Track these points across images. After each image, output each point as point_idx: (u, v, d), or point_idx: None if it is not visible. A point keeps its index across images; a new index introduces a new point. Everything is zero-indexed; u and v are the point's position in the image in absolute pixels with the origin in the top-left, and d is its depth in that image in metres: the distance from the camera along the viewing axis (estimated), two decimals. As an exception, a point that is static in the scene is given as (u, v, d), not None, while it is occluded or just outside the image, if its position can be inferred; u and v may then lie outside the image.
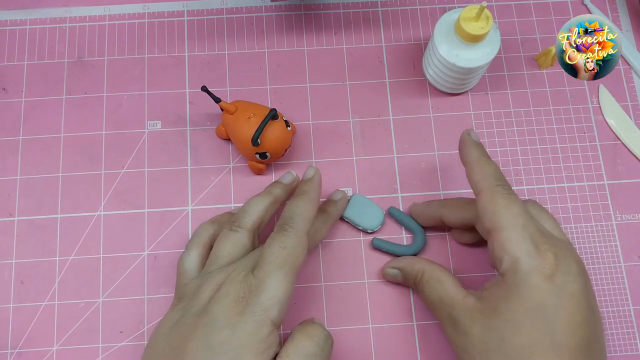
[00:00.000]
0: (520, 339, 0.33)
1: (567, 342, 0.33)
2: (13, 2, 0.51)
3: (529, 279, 0.34)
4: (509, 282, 0.34)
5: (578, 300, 0.34)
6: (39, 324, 0.43)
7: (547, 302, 0.33)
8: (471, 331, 0.35)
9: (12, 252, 0.45)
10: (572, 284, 0.34)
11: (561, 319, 0.33)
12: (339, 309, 0.44)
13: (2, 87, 0.49)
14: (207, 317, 0.34)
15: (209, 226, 0.42)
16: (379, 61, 0.50)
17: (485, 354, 0.34)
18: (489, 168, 0.38)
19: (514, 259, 0.34)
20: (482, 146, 0.40)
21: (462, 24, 0.42)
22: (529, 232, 0.35)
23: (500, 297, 0.35)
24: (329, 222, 0.43)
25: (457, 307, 0.37)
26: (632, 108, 0.49)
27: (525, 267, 0.34)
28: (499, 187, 0.37)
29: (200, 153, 0.47)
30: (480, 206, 0.37)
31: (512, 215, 0.35)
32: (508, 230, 0.35)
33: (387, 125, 0.48)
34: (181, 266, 0.40)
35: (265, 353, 0.33)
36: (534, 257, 0.34)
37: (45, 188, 0.46)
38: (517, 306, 0.34)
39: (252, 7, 0.51)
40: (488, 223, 0.36)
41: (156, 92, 0.49)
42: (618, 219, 0.46)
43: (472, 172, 0.38)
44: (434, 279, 0.39)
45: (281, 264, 0.35)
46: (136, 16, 0.51)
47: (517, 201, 0.36)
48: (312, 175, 0.40)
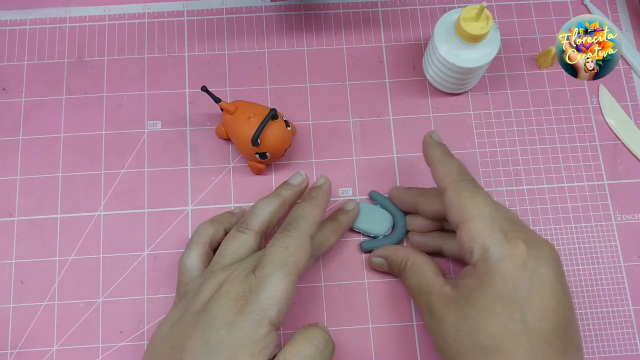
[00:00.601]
0: (492, 326, 0.33)
1: (541, 327, 0.33)
2: (13, 2, 0.51)
3: (500, 266, 0.34)
4: (480, 271, 0.35)
5: (551, 284, 0.34)
6: (39, 324, 0.43)
7: (520, 288, 0.33)
8: (446, 319, 0.36)
9: (12, 252, 0.45)
10: (544, 269, 0.34)
11: (534, 304, 0.33)
12: (339, 309, 0.44)
13: (2, 87, 0.49)
14: (207, 316, 0.34)
15: (209, 226, 0.42)
16: (379, 61, 0.50)
17: (459, 341, 0.35)
18: (452, 165, 0.38)
19: (483, 249, 0.35)
20: (444, 146, 0.40)
21: (462, 24, 0.42)
22: (497, 221, 0.35)
23: (473, 286, 0.35)
24: (338, 231, 0.43)
25: (434, 294, 0.37)
26: (632, 108, 0.49)
27: (495, 255, 0.34)
28: (463, 182, 0.37)
29: (200, 153, 0.47)
30: (447, 201, 0.37)
31: (478, 206, 0.36)
32: (475, 221, 0.35)
33: (387, 125, 0.48)
34: (182, 266, 0.40)
35: (262, 352, 0.33)
36: (504, 245, 0.34)
37: (45, 188, 0.46)
38: (489, 294, 0.34)
39: (252, 7, 0.51)
40: (455, 216, 0.36)
41: (156, 92, 0.49)
42: (618, 219, 0.46)
43: (436, 171, 0.39)
44: (416, 265, 0.40)
45: (282, 264, 0.35)
46: (136, 16, 0.51)
47: (481, 193, 0.37)
48: (322, 183, 0.41)
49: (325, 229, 0.42)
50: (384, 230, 0.44)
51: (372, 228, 0.44)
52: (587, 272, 0.45)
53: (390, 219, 0.45)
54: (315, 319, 0.43)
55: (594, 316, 0.44)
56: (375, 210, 0.45)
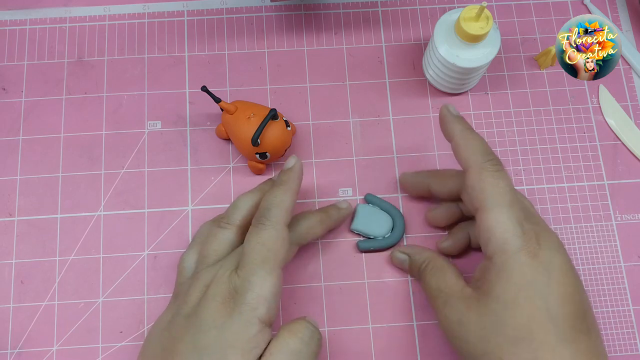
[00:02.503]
0: (518, 319, 0.34)
1: (563, 312, 0.33)
2: (13, 2, 0.51)
3: (517, 258, 0.34)
4: (498, 263, 0.35)
5: (566, 271, 0.35)
6: (39, 324, 0.43)
7: (538, 278, 0.34)
8: (468, 319, 0.35)
9: (12, 252, 0.45)
10: (556, 258, 0.35)
11: (554, 292, 0.34)
12: (339, 309, 0.44)
13: (2, 87, 0.49)
14: (196, 320, 0.34)
15: (210, 225, 0.42)
16: (379, 61, 0.50)
17: (485, 339, 0.34)
18: (476, 142, 0.38)
19: (502, 241, 0.35)
20: (463, 119, 0.39)
21: (462, 24, 0.42)
22: (515, 212, 0.35)
23: (492, 280, 0.35)
24: (325, 223, 0.42)
25: (455, 296, 0.37)
26: (632, 108, 0.49)
27: (513, 247, 0.34)
28: (488, 164, 0.36)
29: (200, 153, 0.47)
30: (469, 183, 0.37)
31: (499, 195, 0.36)
32: (495, 211, 0.35)
33: (387, 125, 0.48)
34: (181, 264, 0.41)
35: (253, 351, 0.33)
36: (520, 237, 0.35)
37: (45, 188, 0.46)
38: (509, 286, 0.34)
39: (252, 7, 0.51)
40: (476, 202, 0.36)
41: (156, 92, 0.49)
42: (618, 219, 0.46)
43: (459, 148, 0.38)
44: (437, 267, 0.40)
45: (262, 261, 0.35)
46: (136, 16, 0.51)
47: (505, 178, 0.36)
48: (292, 165, 0.39)
49: (312, 218, 0.42)
50: (383, 232, 0.44)
51: (372, 230, 0.44)
52: (587, 272, 0.45)
53: (389, 220, 0.45)
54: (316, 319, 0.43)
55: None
56: (374, 212, 0.45)
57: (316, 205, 0.46)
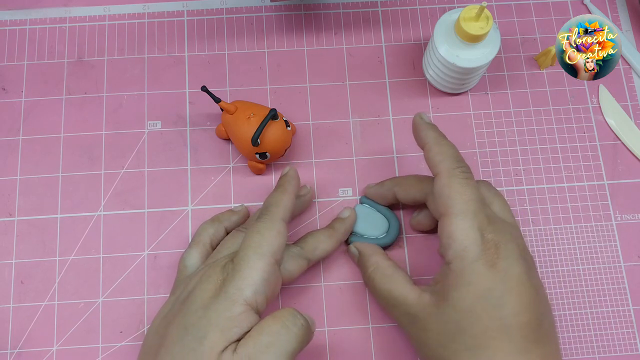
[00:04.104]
0: (475, 327, 0.34)
1: (517, 322, 0.34)
2: (13, 2, 0.51)
3: (475, 266, 0.35)
4: (456, 270, 0.35)
5: (522, 282, 0.35)
6: (39, 324, 0.43)
7: (494, 287, 0.34)
8: (429, 326, 0.36)
9: (12, 252, 0.45)
10: (514, 268, 0.35)
11: (509, 302, 0.34)
12: (339, 309, 0.44)
13: (2, 87, 0.49)
14: (188, 302, 0.35)
15: (209, 225, 0.43)
16: (379, 61, 0.50)
17: (444, 346, 0.35)
18: (448, 149, 0.38)
19: (461, 248, 0.35)
20: (436, 127, 0.40)
21: (462, 24, 0.42)
22: (478, 220, 0.36)
23: (450, 286, 0.35)
24: (334, 237, 0.43)
25: (414, 305, 0.37)
26: (632, 108, 0.49)
27: (471, 255, 0.35)
28: (457, 170, 0.37)
29: (200, 153, 0.47)
30: (437, 189, 0.37)
31: (464, 202, 0.36)
32: (458, 218, 0.36)
33: (387, 125, 0.48)
34: (181, 263, 0.41)
35: (233, 330, 0.33)
36: (480, 246, 0.35)
37: (45, 188, 0.46)
38: (466, 294, 0.35)
39: (252, 7, 0.51)
40: (441, 207, 0.37)
41: (156, 92, 0.49)
42: (618, 219, 0.46)
43: (431, 153, 0.38)
44: (387, 275, 0.40)
45: (255, 247, 0.36)
46: (136, 16, 0.51)
47: (472, 186, 0.37)
48: (287, 171, 0.42)
49: (319, 233, 0.43)
50: (379, 233, 0.44)
51: (368, 231, 0.44)
52: (587, 272, 0.45)
53: (385, 221, 0.45)
54: (315, 319, 0.43)
55: (594, 316, 0.44)
56: (370, 214, 0.45)
57: (316, 205, 0.46)
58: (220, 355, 0.32)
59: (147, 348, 0.37)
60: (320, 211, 0.46)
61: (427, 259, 0.45)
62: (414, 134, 0.41)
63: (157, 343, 0.35)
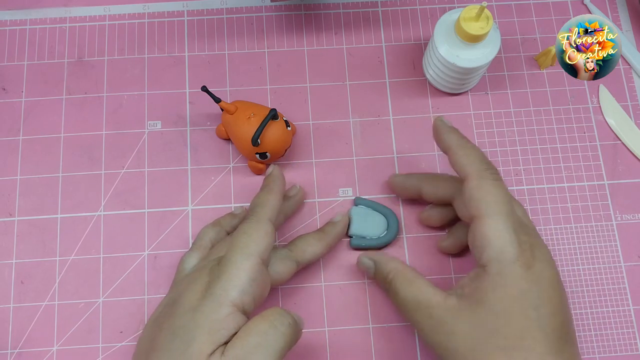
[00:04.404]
0: (511, 327, 0.34)
1: (553, 324, 0.34)
2: (13, 2, 0.51)
3: (513, 268, 0.35)
4: (493, 272, 0.35)
5: (555, 284, 0.35)
6: (39, 324, 0.43)
7: (531, 289, 0.34)
8: (458, 329, 0.35)
9: (12, 252, 0.45)
10: (548, 271, 0.35)
11: (545, 304, 0.34)
12: (339, 309, 0.44)
13: (2, 87, 0.49)
14: (177, 304, 0.35)
15: (210, 229, 0.43)
16: (379, 61, 0.50)
17: (476, 349, 0.34)
18: (474, 152, 0.38)
19: (498, 250, 0.35)
20: (458, 131, 0.40)
21: (462, 24, 0.42)
22: (512, 223, 0.36)
23: (486, 288, 0.35)
24: (324, 240, 0.42)
25: (439, 307, 0.36)
26: (632, 108, 0.49)
27: (509, 257, 0.35)
28: (487, 172, 0.37)
29: (200, 153, 0.47)
30: (467, 191, 0.37)
31: (498, 204, 0.36)
32: (493, 220, 0.35)
33: (387, 125, 0.48)
34: (181, 265, 0.41)
35: (221, 332, 0.33)
36: (517, 248, 0.35)
37: (45, 188, 0.46)
38: (504, 295, 0.34)
39: (252, 7, 0.51)
40: (473, 209, 0.36)
41: (156, 92, 0.49)
42: (618, 219, 0.46)
43: (456, 157, 0.38)
44: (408, 279, 0.39)
45: (242, 248, 0.36)
46: (136, 16, 0.51)
47: (503, 188, 0.37)
48: (271, 171, 0.42)
49: (309, 236, 0.42)
50: (379, 233, 0.44)
51: (368, 231, 0.44)
52: (587, 272, 0.45)
53: (384, 220, 0.45)
54: (315, 319, 0.43)
55: (594, 316, 0.44)
56: (368, 214, 0.45)
57: (316, 205, 0.46)
58: (209, 359, 0.32)
59: (139, 351, 0.37)
60: (320, 211, 0.46)
61: (427, 259, 0.45)
62: (435, 137, 0.40)
63: (148, 347, 0.35)
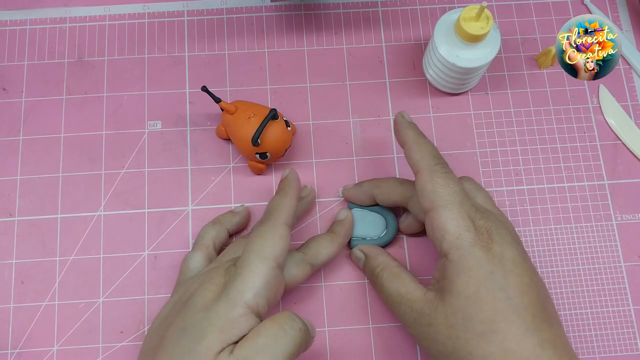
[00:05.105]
0: (483, 312, 0.34)
1: (523, 302, 0.34)
2: (13, 2, 0.51)
3: (473, 252, 0.35)
4: (455, 258, 0.35)
5: (520, 263, 0.36)
6: (39, 324, 0.43)
7: (494, 270, 0.35)
8: (436, 320, 0.36)
9: (12, 252, 0.45)
10: (509, 251, 0.36)
11: (512, 283, 0.35)
12: (339, 309, 0.44)
13: (2, 87, 0.49)
14: (189, 303, 0.35)
15: (211, 228, 0.43)
16: (379, 61, 0.50)
17: (453, 337, 0.35)
18: (427, 147, 0.39)
19: (455, 236, 0.36)
20: (416, 126, 0.41)
21: (462, 24, 0.42)
22: (466, 209, 0.36)
23: (452, 276, 0.36)
24: (336, 240, 0.43)
25: (419, 301, 0.37)
26: (632, 108, 0.49)
27: (467, 242, 0.35)
28: (438, 166, 0.38)
29: (200, 153, 0.47)
30: (419, 185, 0.38)
31: (449, 194, 0.36)
32: (447, 209, 0.36)
33: (387, 125, 0.48)
34: (184, 265, 0.41)
35: (233, 332, 0.33)
36: (473, 232, 0.36)
37: (46, 188, 0.46)
38: (469, 280, 0.35)
39: (252, 7, 0.51)
40: (427, 202, 0.37)
41: (156, 92, 0.49)
42: (618, 219, 0.46)
43: (411, 152, 0.39)
44: (394, 274, 0.40)
45: (257, 250, 0.36)
46: (136, 16, 0.51)
47: (454, 179, 0.37)
48: (287, 174, 0.42)
49: (321, 239, 0.43)
50: (379, 232, 0.44)
51: (367, 232, 0.44)
52: (587, 272, 0.45)
53: (382, 220, 0.45)
54: (316, 319, 0.43)
55: (594, 316, 0.44)
56: (365, 215, 0.45)
57: (316, 205, 0.46)
58: (217, 356, 0.33)
59: (147, 349, 0.37)
60: (320, 211, 0.46)
61: (427, 259, 0.45)
62: (395, 132, 0.41)
63: (156, 344, 0.35)
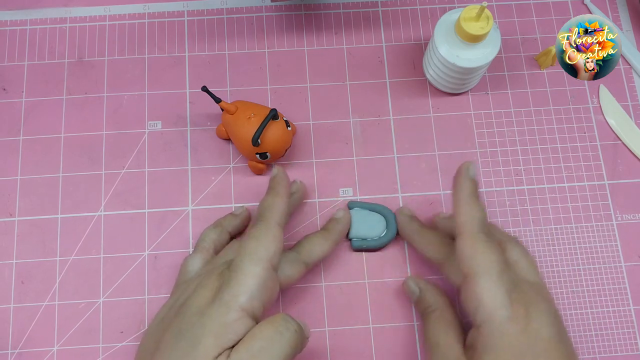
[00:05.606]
0: None
1: None
2: (13, 2, 0.51)
3: (505, 328, 0.34)
4: (486, 333, 0.35)
5: (554, 344, 0.34)
6: (40, 324, 0.43)
7: (524, 352, 0.34)
8: None
9: (12, 252, 0.45)
10: (545, 330, 0.34)
11: None
12: (339, 309, 0.44)
13: (2, 87, 0.49)
14: (184, 307, 0.35)
15: (212, 231, 0.43)
16: (379, 61, 0.50)
17: None
18: (476, 212, 0.37)
19: (489, 310, 0.35)
20: (476, 183, 0.39)
21: (463, 24, 0.42)
22: (504, 282, 0.35)
23: (480, 350, 0.35)
24: (330, 239, 0.43)
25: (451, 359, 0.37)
26: (633, 108, 0.49)
27: (500, 318, 0.34)
28: (481, 234, 0.37)
29: (201, 153, 0.47)
30: (460, 248, 0.37)
31: (488, 263, 0.36)
32: (484, 279, 0.35)
33: (387, 125, 0.48)
34: (183, 267, 0.41)
35: (228, 336, 0.33)
36: (508, 308, 0.34)
37: (46, 188, 0.46)
38: (497, 357, 0.34)
39: (252, 7, 0.51)
40: (465, 267, 0.36)
41: (156, 92, 0.49)
42: (618, 219, 0.46)
43: (459, 212, 0.38)
44: (444, 319, 0.39)
45: (251, 253, 0.36)
46: (136, 16, 0.51)
47: (495, 249, 0.36)
48: (275, 173, 0.42)
49: (314, 237, 0.43)
50: (380, 232, 0.44)
51: (368, 232, 0.44)
52: (587, 272, 0.45)
53: (382, 220, 0.45)
54: (316, 319, 0.43)
55: (594, 316, 0.44)
56: (366, 215, 0.45)
57: (316, 205, 0.46)
58: None
59: (143, 352, 0.37)
60: (320, 211, 0.46)
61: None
62: (455, 180, 0.39)
63: (153, 347, 0.35)
